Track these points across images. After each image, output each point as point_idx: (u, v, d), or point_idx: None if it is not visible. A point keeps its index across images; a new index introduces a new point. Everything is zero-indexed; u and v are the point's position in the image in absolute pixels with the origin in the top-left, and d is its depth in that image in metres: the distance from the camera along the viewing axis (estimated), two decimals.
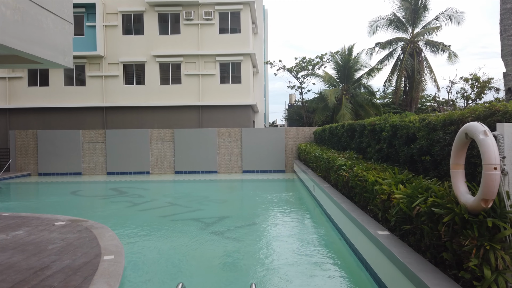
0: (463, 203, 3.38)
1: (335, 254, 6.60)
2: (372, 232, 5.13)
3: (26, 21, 5.96)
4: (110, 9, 22.66)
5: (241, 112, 22.76)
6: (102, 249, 6.04)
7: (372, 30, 29.50)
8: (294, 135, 19.84)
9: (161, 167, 19.74)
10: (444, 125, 5.19)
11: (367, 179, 6.15)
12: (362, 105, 27.73)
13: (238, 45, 22.74)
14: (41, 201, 13.11)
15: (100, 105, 22.48)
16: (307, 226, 8.86)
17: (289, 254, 6.66)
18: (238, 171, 19.74)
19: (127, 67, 22.92)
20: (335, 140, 12.80)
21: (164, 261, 6.46)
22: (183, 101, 22.60)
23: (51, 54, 6.71)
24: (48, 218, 8.37)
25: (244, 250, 7.02)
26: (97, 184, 16.86)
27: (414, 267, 3.81)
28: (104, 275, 4.89)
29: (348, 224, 6.66)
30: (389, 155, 7.42)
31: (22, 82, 22.74)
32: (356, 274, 5.68)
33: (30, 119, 22.67)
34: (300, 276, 5.64)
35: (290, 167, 19.67)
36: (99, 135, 19.77)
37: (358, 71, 28.87)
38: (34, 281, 4.73)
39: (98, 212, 11.14)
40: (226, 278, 5.77)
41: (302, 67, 29.45)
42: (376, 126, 8.02)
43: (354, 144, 10.16)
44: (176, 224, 9.19)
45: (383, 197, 5.25)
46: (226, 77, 23.03)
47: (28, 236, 6.86)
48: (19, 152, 19.81)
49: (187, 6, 22.51)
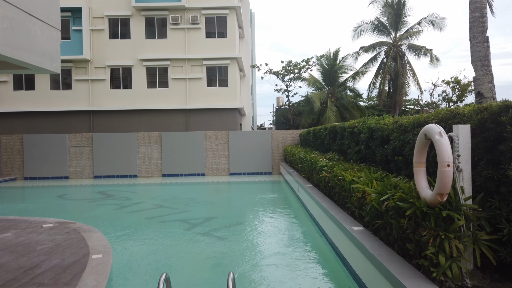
0: (423, 197, 3.72)
1: (315, 250, 6.91)
2: (348, 228, 5.45)
3: (14, 28, 6.15)
4: (97, 13, 22.74)
5: (228, 115, 23.02)
6: (90, 249, 6.23)
7: (356, 34, 30.12)
8: (280, 137, 20.18)
9: (148, 170, 19.86)
10: (413, 127, 5.55)
11: (345, 179, 6.48)
12: (347, 108, 28.24)
13: (224, 49, 23.03)
14: (28, 205, 13.15)
15: (87, 109, 22.49)
16: (290, 225, 9.17)
17: (271, 250, 6.94)
18: (226, 173, 19.98)
19: (113, 71, 22.99)
20: (319, 142, 13.17)
21: (151, 259, 6.68)
22: (170, 104, 22.77)
23: (39, 60, 6.90)
24: (36, 220, 8.50)
25: (228, 247, 7.28)
26: (84, 188, 16.91)
27: (383, 258, 4.13)
28: (92, 272, 5.10)
29: (327, 221, 6.98)
30: (367, 156, 7.78)
31: (7, 86, 22.62)
32: (335, 268, 5.99)
33: (16, 123, 22.55)
34: (281, 269, 5.93)
35: (277, 169, 19.99)
36: (86, 139, 19.80)
37: (344, 74, 29.41)
38: (24, 279, 4.92)
39: (85, 214, 11.26)
40: (210, 272, 6.03)
41: (288, 70, 29.87)
42: (355, 129, 8.38)
43: (336, 145, 10.52)
44: (163, 225, 9.39)
45: (358, 195, 5.58)
46: (213, 81, 23.28)
47: (16, 238, 7.00)
48: (4, 156, 19.71)
49: (173, 11, 22.72)
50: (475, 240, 3.50)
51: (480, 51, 7.96)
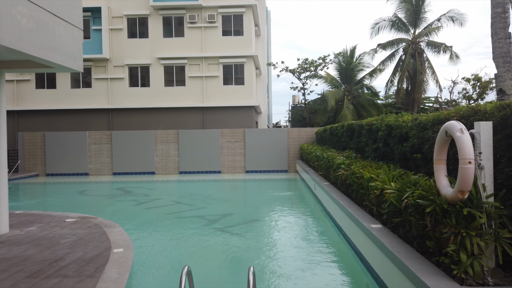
0: (444, 194, 3.69)
1: (333, 247, 6.91)
2: (366, 226, 5.44)
3: (39, 28, 6.33)
4: (116, 13, 23.11)
5: (244, 113, 23.12)
6: (111, 243, 6.39)
7: (374, 32, 29.76)
8: (296, 135, 20.15)
9: (165, 168, 20.12)
10: (433, 124, 5.50)
11: (363, 176, 6.46)
12: (364, 106, 27.99)
13: (241, 47, 23.11)
14: (50, 200, 13.52)
15: (106, 107, 22.92)
16: (307, 222, 9.18)
17: (288, 247, 6.98)
18: (242, 171, 20.08)
19: (132, 69, 23.35)
20: (335, 140, 13.11)
21: (170, 253, 6.81)
22: (187, 102, 23.00)
23: (62, 59, 7.09)
24: (58, 215, 8.75)
25: (245, 243, 7.35)
26: (103, 184, 17.26)
27: (402, 255, 4.13)
28: (114, 265, 5.24)
29: (345, 219, 6.98)
30: (385, 153, 7.73)
31: (30, 85, 23.24)
32: (352, 265, 5.99)
33: (38, 121, 23.16)
34: (299, 266, 5.97)
35: (293, 167, 19.98)
36: (105, 136, 20.19)
37: (360, 72, 29.15)
38: (49, 271, 5.09)
39: (105, 210, 11.52)
40: (228, 266, 6.11)
41: (304, 68, 29.77)
42: (373, 126, 8.33)
43: (353, 143, 10.47)
44: (181, 221, 9.53)
45: (377, 192, 5.57)
46: (229, 79, 23.40)
47: (41, 232, 7.23)
48: (27, 153, 20.27)
49: (190, 10, 22.92)
50: (496, 238, 3.47)
51: (502, 48, 7.81)
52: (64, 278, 4.82)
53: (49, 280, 4.76)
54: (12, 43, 5.57)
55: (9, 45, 5.50)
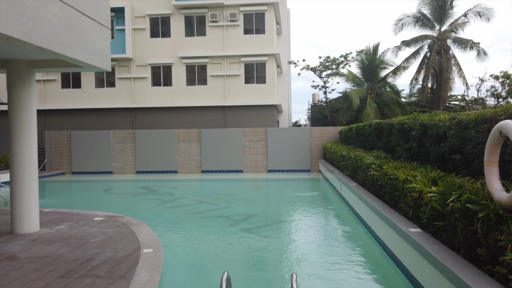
0: (498, 199, 3.45)
1: (364, 251, 6.69)
2: (403, 230, 5.21)
3: (70, 27, 6.33)
4: (138, 12, 23.32)
5: (265, 112, 22.97)
6: (140, 242, 6.35)
7: (397, 28, 29.13)
8: (319, 134, 19.87)
9: (188, 166, 20.18)
10: (476, 123, 5.22)
11: (398, 178, 6.21)
12: (387, 104, 27.43)
13: (262, 45, 22.96)
14: (77, 198, 13.71)
15: (129, 106, 23.18)
16: (334, 224, 8.96)
17: (318, 250, 6.79)
18: (264, 170, 19.95)
19: (154, 69, 23.53)
20: (362, 140, 12.81)
21: (199, 254, 6.72)
22: (209, 101, 23.02)
23: (91, 58, 7.09)
24: (87, 213, 8.81)
25: (274, 246, 7.21)
26: (127, 183, 17.43)
27: (449, 262, 3.89)
28: (145, 266, 5.18)
29: (377, 222, 6.74)
30: (419, 154, 7.44)
31: (56, 85, 23.72)
32: (388, 270, 5.76)
33: (63, 120, 23.62)
34: (330, 270, 5.78)
35: (316, 166, 19.72)
36: (128, 135, 20.40)
37: (384, 69, 28.57)
38: (82, 271, 5.06)
39: (131, 209, 11.57)
40: (261, 270, 5.97)
41: (326, 66, 29.37)
42: (405, 125, 8.04)
43: (382, 143, 10.18)
44: (206, 221, 9.46)
45: (415, 195, 5.32)
46: (250, 78, 23.29)
47: (70, 230, 7.27)
48: (54, 151, 20.68)
49: (212, 8, 22.90)
50: None
51: None
52: (96, 278, 4.79)
53: (82, 280, 4.73)
54: (44, 42, 5.58)
55: (41, 45, 5.50)
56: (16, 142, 7.06)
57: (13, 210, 7.11)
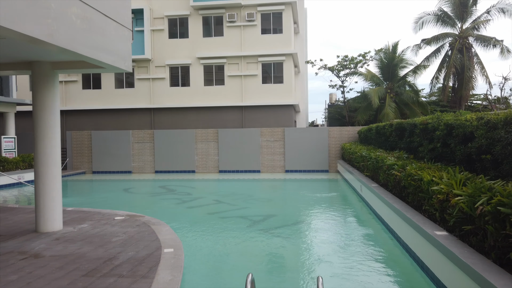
0: None
1: (387, 253, 6.55)
2: (429, 233, 5.07)
3: (92, 29, 6.41)
4: (157, 14, 23.56)
5: (283, 112, 22.87)
6: (161, 242, 6.38)
7: (417, 27, 28.58)
8: (337, 134, 19.67)
9: (205, 166, 20.27)
10: (505, 123, 5.04)
11: (422, 179, 6.06)
12: (407, 104, 26.96)
13: (280, 45, 22.87)
14: (98, 197, 13.92)
15: (148, 106, 23.44)
16: (355, 226, 8.82)
17: (340, 253, 6.69)
18: (281, 170, 19.87)
19: (172, 69, 23.73)
20: (382, 140, 12.60)
21: (219, 255, 6.71)
22: (226, 101, 23.07)
23: (113, 59, 7.17)
24: (108, 213, 8.92)
25: (294, 247, 7.14)
26: (146, 182, 17.62)
27: (479, 267, 3.76)
28: (167, 266, 5.19)
29: (400, 224, 6.59)
30: (443, 154, 7.25)
31: (77, 86, 24.19)
32: (411, 273, 5.63)
33: (84, 120, 24.06)
34: (352, 272, 5.67)
35: (334, 167, 19.52)
36: (147, 135, 20.63)
37: (403, 68, 28.10)
38: (105, 270, 5.11)
39: (150, 208, 11.68)
40: (282, 272, 5.92)
41: (344, 65, 29.07)
42: (429, 125, 7.86)
43: (404, 143, 9.98)
44: (225, 221, 9.45)
45: (441, 197, 5.18)
46: (268, 78, 23.23)
47: (92, 229, 7.37)
48: (75, 151, 21.09)
49: (230, 8, 22.94)
50: None
51: None
52: (119, 277, 4.82)
53: (105, 279, 4.78)
54: (67, 44, 5.66)
55: (65, 46, 5.59)
56: (40, 142, 7.20)
57: (37, 209, 7.25)
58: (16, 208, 9.83)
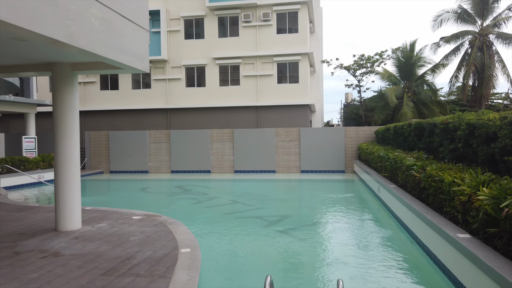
0: None
1: (407, 256, 6.42)
2: (451, 235, 4.93)
3: (111, 30, 6.47)
4: (173, 15, 23.75)
5: (298, 112, 22.76)
6: (178, 242, 6.40)
7: (436, 25, 28.05)
8: (354, 134, 19.45)
9: (221, 166, 20.32)
10: None
11: (443, 180, 5.91)
12: (425, 103, 26.49)
13: (295, 44, 22.77)
14: (115, 197, 14.10)
15: (164, 106, 23.65)
16: (372, 227, 8.69)
17: (356, 254, 6.59)
18: (297, 171, 19.76)
19: (188, 70, 23.88)
20: (401, 140, 12.38)
21: (236, 255, 6.69)
22: (242, 101, 23.08)
23: (130, 60, 7.23)
24: (125, 212, 9.01)
25: (310, 249, 7.07)
26: (163, 182, 17.77)
27: (504, 271, 3.63)
28: (184, 266, 5.19)
29: (421, 226, 6.45)
30: (465, 155, 7.07)
31: (95, 87, 24.59)
32: (432, 276, 5.49)
33: (102, 120, 24.44)
34: (370, 275, 5.57)
35: (350, 167, 19.31)
36: (163, 135, 20.82)
37: (421, 67, 27.63)
38: (123, 269, 5.15)
39: (167, 208, 11.76)
40: (300, 275, 5.86)
41: (360, 64, 28.78)
42: (450, 125, 7.67)
43: (423, 143, 9.78)
44: (241, 221, 9.44)
45: (463, 198, 5.03)
46: (283, 77, 23.16)
47: (110, 228, 7.44)
48: (93, 151, 21.44)
49: (245, 9, 22.95)
50: None
51: None
52: (137, 277, 4.85)
53: (123, 278, 4.81)
54: (86, 45, 5.72)
55: (84, 47, 5.65)
56: (59, 142, 7.32)
57: (57, 208, 7.37)
58: (37, 207, 10.02)
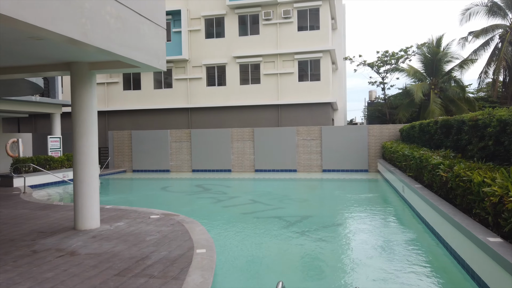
0: None
1: (434, 260, 6.08)
2: (481, 239, 4.60)
3: (126, 28, 6.42)
4: (194, 14, 23.81)
5: (320, 110, 22.37)
6: (194, 242, 6.29)
7: (464, 18, 27.02)
8: (377, 133, 18.94)
9: (241, 165, 20.22)
10: None
11: (472, 180, 5.55)
12: (453, 100, 25.54)
13: (317, 42, 22.38)
14: (136, 196, 14.21)
15: (185, 106, 23.76)
16: (397, 230, 8.34)
17: (381, 259, 6.29)
18: (318, 170, 19.42)
19: (209, 69, 23.89)
20: (427, 138, 11.90)
21: (252, 257, 6.53)
22: (262, 100, 22.90)
23: (147, 58, 7.17)
24: (144, 211, 9.01)
25: (330, 251, 6.82)
26: (183, 181, 17.82)
27: None
28: (198, 268, 5.07)
29: (448, 228, 6.10)
30: (496, 153, 6.65)
31: (118, 87, 24.96)
32: (460, 283, 5.16)
33: (124, 120, 24.80)
34: (397, 282, 5.28)
35: (374, 166, 18.82)
36: (184, 134, 20.90)
37: (448, 63, 26.64)
38: (136, 270, 5.07)
39: (186, 207, 11.73)
40: (319, 279, 5.64)
41: (384, 61, 28.02)
42: (479, 122, 7.25)
43: (450, 141, 9.33)
44: (259, 221, 9.27)
45: (494, 200, 4.69)
46: (304, 75, 22.82)
47: (128, 228, 7.43)
48: (116, 150, 21.77)
49: (266, 6, 22.75)
50: None
51: None
52: (150, 278, 4.76)
53: (136, 279, 4.72)
54: (102, 43, 5.68)
55: (99, 45, 5.61)
56: (78, 141, 7.35)
57: (76, 207, 7.41)
58: (59, 206, 10.17)
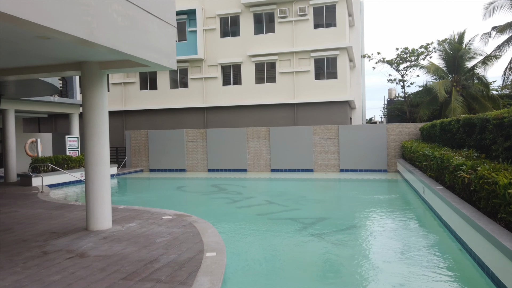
0: None
1: (457, 267, 5.75)
2: (508, 246, 4.27)
3: (134, 26, 6.31)
4: (209, 13, 23.75)
5: (337, 109, 21.98)
6: (204, 245, 6.13)
7: (488, 13, 26.00)
8: (397, 132, 18.43)
9: (257, 165, 20.04)
10: None
11: (498, 182, 5.20)
12: (476, 98, 24.69)
13: (333, 39, 21.98)
14: (152, 195, 14.21)
15: (201, 105, 23.74)
16: (416, 233, 7.99)
17: (401, 266, 5.99)
18: (335, 170, 19.05)
19: (224, 68, 23.80)
20: (448, 137, 11.44)
21: (264, 261, 6.32)
22: (278, 99, 22.66)
23: (156, 57, 7.04)
24: (157, 212, 8.92)
25: (348, 255, 6.55)
26: (199, 181, 17.76)
27: None
28: (207, 272, 4.90)
29: (472, 234, 5.75)
30: None
31: (135, 87, 25.16)
32: None
33: (141, 120, 24.97)
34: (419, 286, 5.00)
35: (393, 166, 18.33)
36: (200, 134, 20.87)
37: (471, 59, 25.77)
38: (144, 274, 4.95)
39: (200, 207, 11.62)
40: (335, 285, 5.39)
41: (404, 58, 27.35)
42: (505, 120, 6.84)
43: (473, 141, 8.90)
44: (274, 223, 9.05)
45: None
46: (321, 73, 22.46)
47: (139, 229, 7.33)
48: (133, 150, 21.92)
49: (281, 4, 22.48)
50: None
51: None
52: (157, 283, 4.61)
53: (142, 284, 4.59)
54: (109, 42, 5.58)
55: (106, 44, 5.51)
56: (89, 141, 7.30)
57: (88, 207, 7.37)
58: (74, 206, 10.21)
